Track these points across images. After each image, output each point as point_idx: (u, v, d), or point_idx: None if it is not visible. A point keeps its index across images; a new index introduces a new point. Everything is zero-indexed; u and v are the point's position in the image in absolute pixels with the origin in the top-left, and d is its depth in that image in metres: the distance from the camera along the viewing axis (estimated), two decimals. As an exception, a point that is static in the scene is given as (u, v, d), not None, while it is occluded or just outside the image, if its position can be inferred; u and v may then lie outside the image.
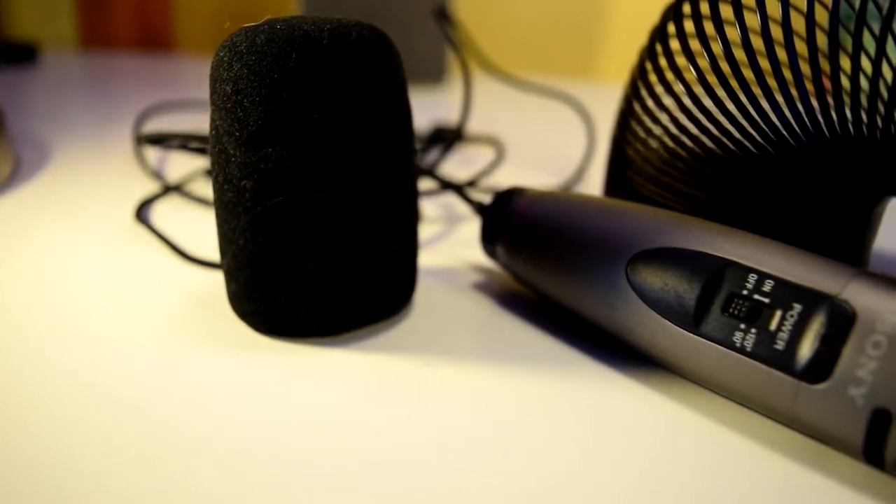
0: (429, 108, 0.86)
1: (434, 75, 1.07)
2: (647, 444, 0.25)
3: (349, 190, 0.28)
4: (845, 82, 0.29)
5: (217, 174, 0.29)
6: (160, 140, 0.48)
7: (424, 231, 0.45)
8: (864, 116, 0.27)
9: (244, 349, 0.30)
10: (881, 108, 0.27)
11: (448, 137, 0.67)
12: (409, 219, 0.31)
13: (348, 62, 0.28)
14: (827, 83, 0.28)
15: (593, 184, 0.57)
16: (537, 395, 0.27)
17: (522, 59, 1.36)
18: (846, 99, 0.28)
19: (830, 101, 0.28)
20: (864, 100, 0.28)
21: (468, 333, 0.32)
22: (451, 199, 0.52)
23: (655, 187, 0.35)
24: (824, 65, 0.28)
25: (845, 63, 0.29)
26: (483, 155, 0.67)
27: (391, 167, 0.30)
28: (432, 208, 0.50)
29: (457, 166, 0.62)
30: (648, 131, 0.37)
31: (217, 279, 0.36)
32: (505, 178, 0.58)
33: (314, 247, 0.29)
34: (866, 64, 0.28)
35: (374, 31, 0.30)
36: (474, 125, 0.78)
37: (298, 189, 0.28)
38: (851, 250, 0.37)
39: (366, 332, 0.32)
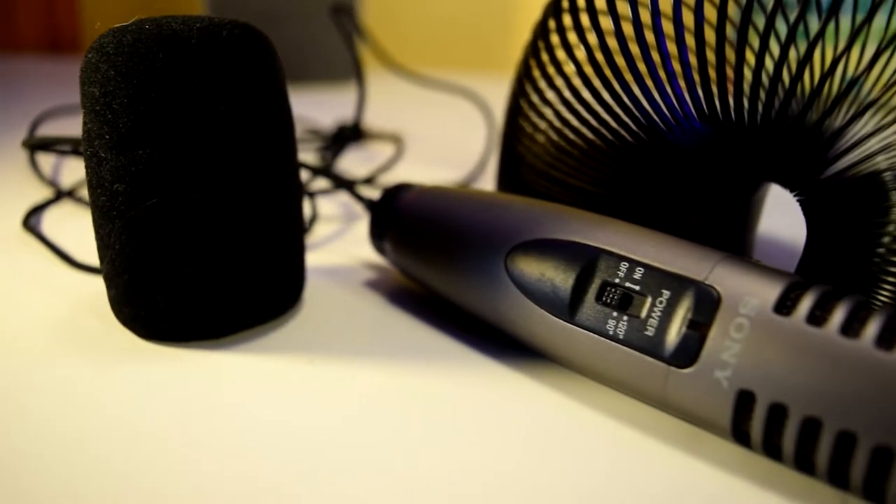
0: (337, 107, 0.85)
1: (343, 74, 1.06)
2: (528, 433, 0.24)
3: (224, 191, 0.27)
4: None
5: (90, 178, 0.28)
6: (48, 145, 0.46)
7: (320, 230, 0.44)
8: (731, 99, 0.27)
9: (127, 356, 0.28)
10: (747, 90, 0.27)
11: (351, 136, 0.66)
12: (291, 218, 0.30)
13: (218, 61, 0.27)
14: (694, 61, 0.28)
15: (494, 178, 0.57)
16: (421, 390, 0.27)
17: (434, 56, 1.36)
18: (715, 81, 0.28)
19: (699, 82, 0.28)
20: (733, 82, 0.28)
21: (356, 331, 0.31)
22: (349, 197, 0.52)
23: (547, 182, 0.35)
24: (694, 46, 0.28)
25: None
26: (388, 152, 0.66)
27: (268, 166, 0.29)
28: (329, 207, 0.49)
29: (360, 164, 0.61)
30: (535, 126, 0.36)
31: (103, 285, 0.35)
32: (407, 175, 0.57)
33: (191, 249, 0.28)
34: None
35: (248, 30, 0.28)
36: (380, 122, 0.77)
37: (171, 191, 0.27)
38: (735, 236, 0.37)
39: (252, 333, 0.30)
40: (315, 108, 0.86)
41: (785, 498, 0.22)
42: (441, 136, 0.74)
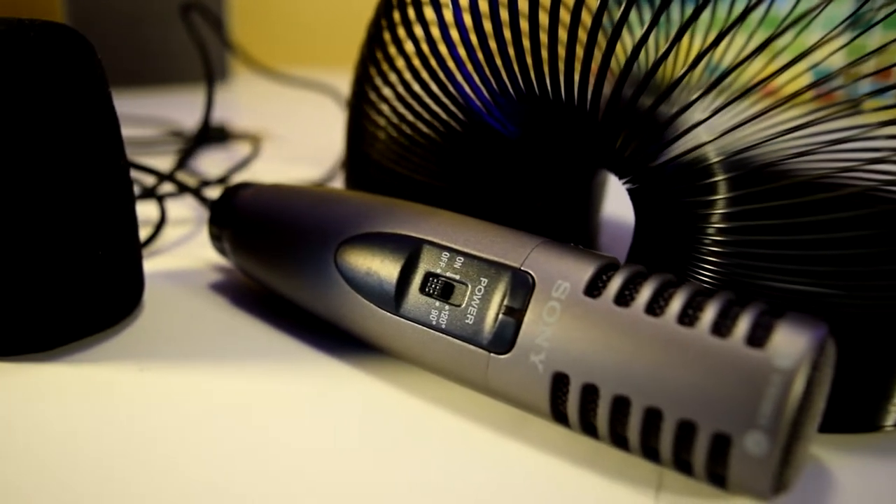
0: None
1: (216, 75, 1.03)
2: (360, 427, 0.24)
3: (37, 197, 0.26)
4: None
5: None
6: None
7: (170, 233, 0.42)
8: (548, 82, 0.27)
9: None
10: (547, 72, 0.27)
11: (214, 137, 0.64)
12: (119, 222, 0.29)
13: (25, 63, 0.25)
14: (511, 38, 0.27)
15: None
16: (255, 390, 0.25)
17: (310, 56, 1.34)
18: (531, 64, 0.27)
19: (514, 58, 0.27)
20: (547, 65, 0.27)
21: (195, 335, 0.30)
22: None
23: (393, 180, 0.34)
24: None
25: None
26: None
27: (86, 170, 0.27)
28: (181, 210, 0.47)
29: (221, 165, 0.59)
30: (376, 125, 0.36)
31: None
32: (267, 174, 0.56)
33: (9, 259, 0.26)
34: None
35: (61, 30, 0.27)
36: (247, 123, 0.75)
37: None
38: (579, 219, 0.38)
39: (85, 342, 0.28)
40: (180, 110, 0.83)
41: (606, 476, 0.22)
42: (306, 136, 0.72)
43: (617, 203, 0.45)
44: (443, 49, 0.29)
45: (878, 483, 0.22)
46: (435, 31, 0.29)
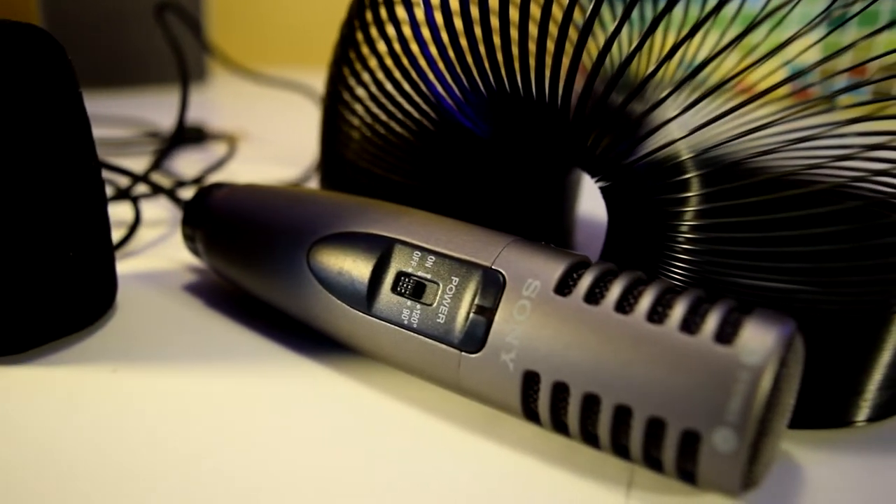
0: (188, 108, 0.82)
1: (194, 75, 1.03)
2: (333, 427, 0.23)
3: (8, 199, 0.25)
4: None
5: None
6: None
7: (144, 234, 0.42)
8: (519, 78, 0.27)
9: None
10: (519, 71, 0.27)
11: (191, 138, 0.64)
12: (90, 223, 0.28)
13: None
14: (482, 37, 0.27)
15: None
16: (225, 391, 0.25)
17: (285, 55, 1.33)
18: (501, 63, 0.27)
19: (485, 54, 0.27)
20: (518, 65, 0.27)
21: (168, 336, 0.29)
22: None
23: (368, 181, 0.34)
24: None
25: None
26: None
27: (59, 171, 0.27)
28: (156, 211, 0.47)
29: (198, 165, 0.59)
30: (350, 124, 0.35)
31: None
32: (244, 175, 0.56)
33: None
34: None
35: (30, 31, 0.26)
36: (224, 123, 0.75)
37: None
38: (553, 217, 0.38)
39: (58, 344, 0.28)
40: (158, 110, 0.83)
41: (577, 473, 0.22)
42: (283, 136, 0.72)
43: (594, 201, 0.45)
44: (414, 48, 0.29)
45: (849, 479, 0.22)
46: (407, 31, 0.29)
